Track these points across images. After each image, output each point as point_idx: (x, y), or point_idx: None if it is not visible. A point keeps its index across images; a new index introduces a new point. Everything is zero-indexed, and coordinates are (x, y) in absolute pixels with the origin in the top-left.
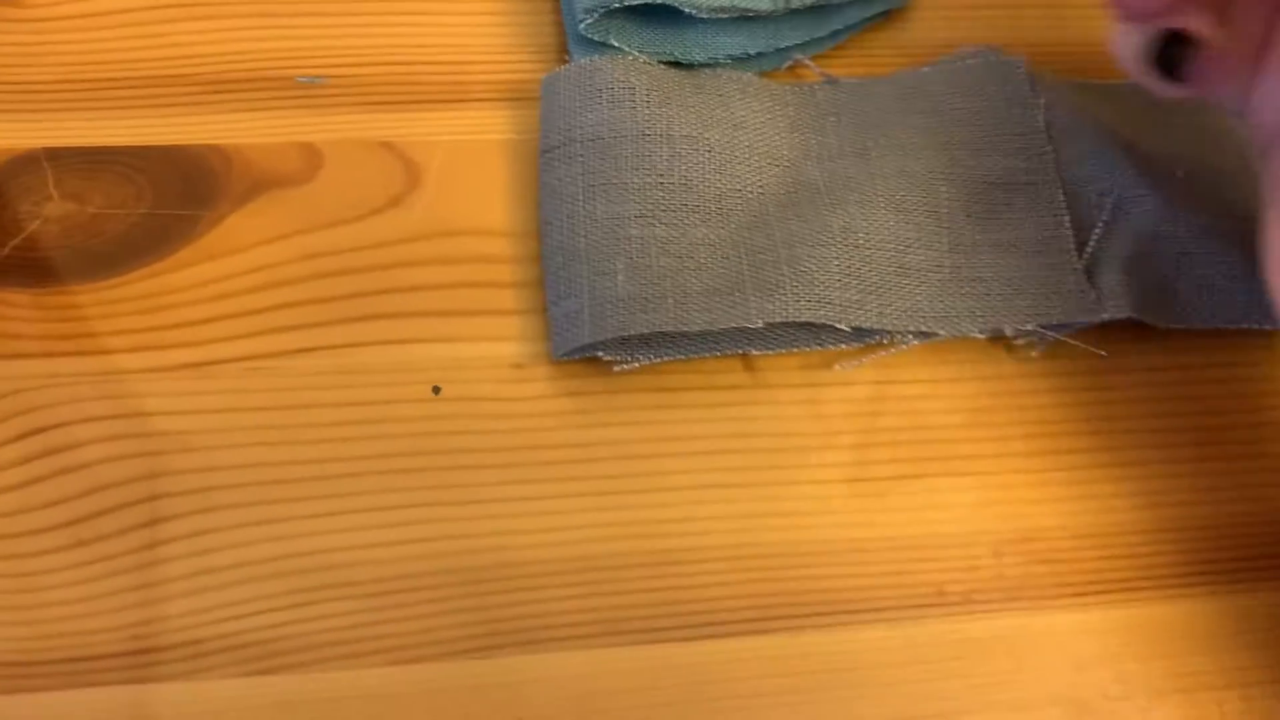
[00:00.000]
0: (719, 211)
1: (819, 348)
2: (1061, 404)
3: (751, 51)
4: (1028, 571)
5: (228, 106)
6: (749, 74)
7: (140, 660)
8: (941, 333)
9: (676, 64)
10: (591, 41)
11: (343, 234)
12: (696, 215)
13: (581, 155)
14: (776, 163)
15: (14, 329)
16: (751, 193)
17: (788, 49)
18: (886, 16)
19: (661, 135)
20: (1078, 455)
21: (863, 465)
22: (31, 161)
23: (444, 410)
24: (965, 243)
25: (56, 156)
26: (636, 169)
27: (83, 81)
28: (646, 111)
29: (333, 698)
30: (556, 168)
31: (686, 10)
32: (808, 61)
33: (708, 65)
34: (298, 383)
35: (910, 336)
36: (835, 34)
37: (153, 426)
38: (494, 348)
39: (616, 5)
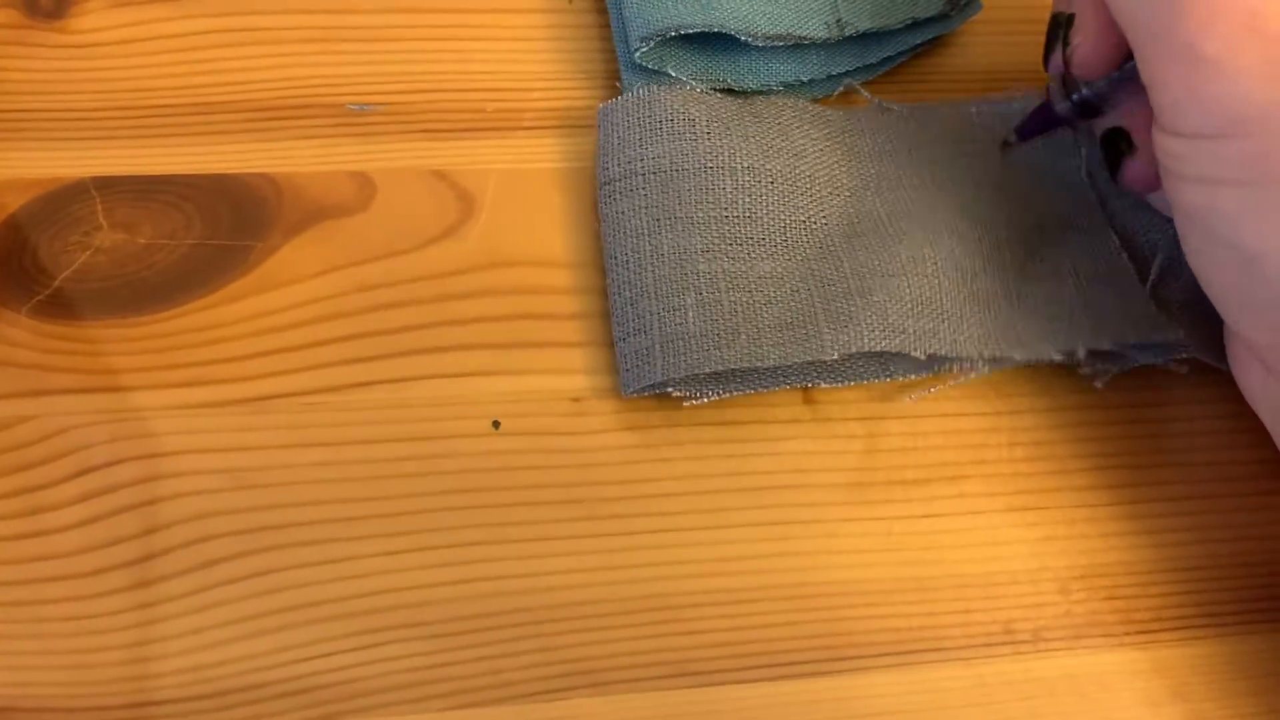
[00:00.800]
0: (784, 244)
1: (887, 379)
2: (1121, 437)
3: (804, 78)
4: (1094, 609)
5: (278, 134)
6: (805, 101)
7: (201, 706)
8: (1017, 356)
9: (730, 91)
10: (645, 69)
11: (397, 265)
12: (762, 248)
13: (644, 189)
14: (837, 192)
15: (68, 363)
16: (815, 224)
17: (840, 75)
18: (935, 43)
19: (725, 167)
20: (1139, 489)
21: (927, 501)
22: (80, 191)
23: (504, 445)
24: (1030, 272)
25: (105, 185)
26: (700, 202)
27: (130, 109)
28: (708, 143)
29: None
30: (619, 200)
31: (742, 39)
32: (859, 88)
33: (761, 92)
34: (355, 418)
35: (981, 365)
36: (886, 60)
37: (208, 464)
38: (553, 381)
39: (672, 34)
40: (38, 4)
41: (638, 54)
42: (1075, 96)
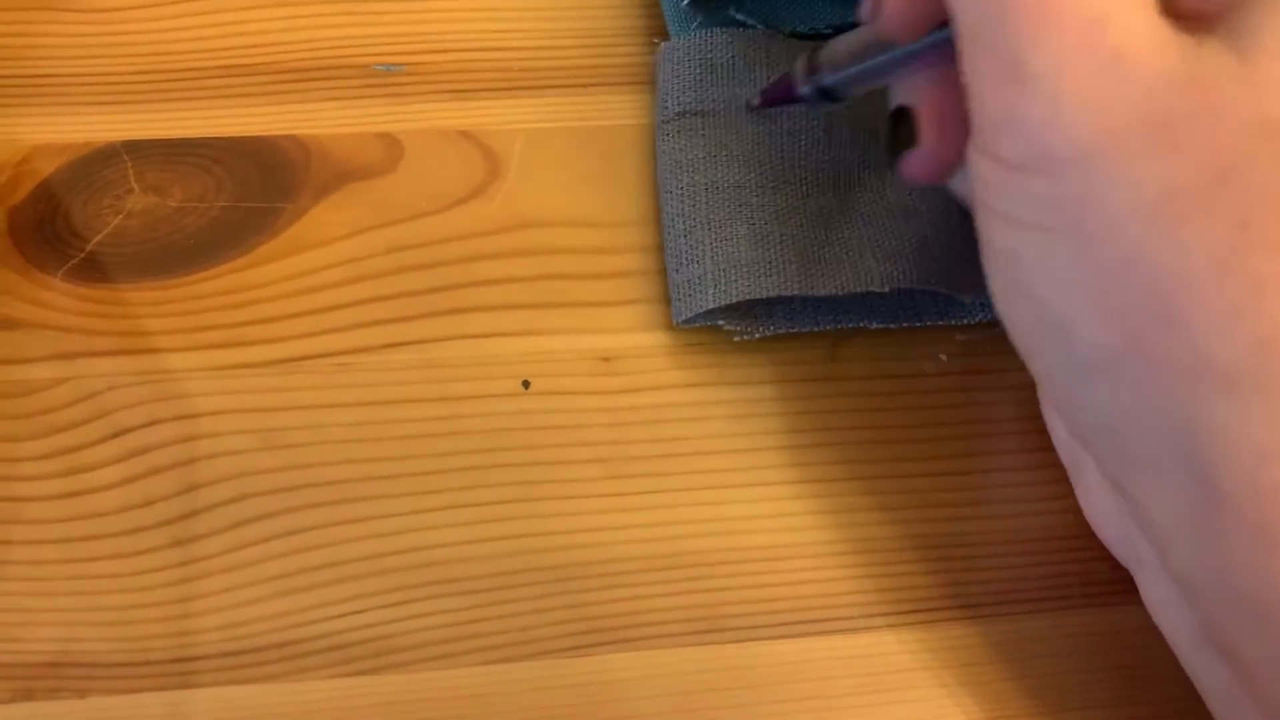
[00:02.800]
0: (837, 183)
1: (942, 323)
2: None
3: (850, 19)
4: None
5: (305, 96)
6: None
7: (237, 661)
8: None
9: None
10: (692, 18)
11: (426, 226)
12: (815, 187)
13: (702, 128)
14: None
15: (101, 326)
16: (870, 165)
17: None
18: None
19: (781, 110)
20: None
21: (961, 458)
22: (111, 155)
23: (533, 405)
24: None
25: (135, 149)
26: (757, 142)
27: (158, 72)
28: (765, 85)
29: (433, 698)
30: (676, 138)
31: None
32: None
33: (812, 36)
34: (386, 378)
35: None
36: None
37: (240, 425)
38: (582, 340)
39: None
40: None
41: (685, 2)
42: (816, 81)
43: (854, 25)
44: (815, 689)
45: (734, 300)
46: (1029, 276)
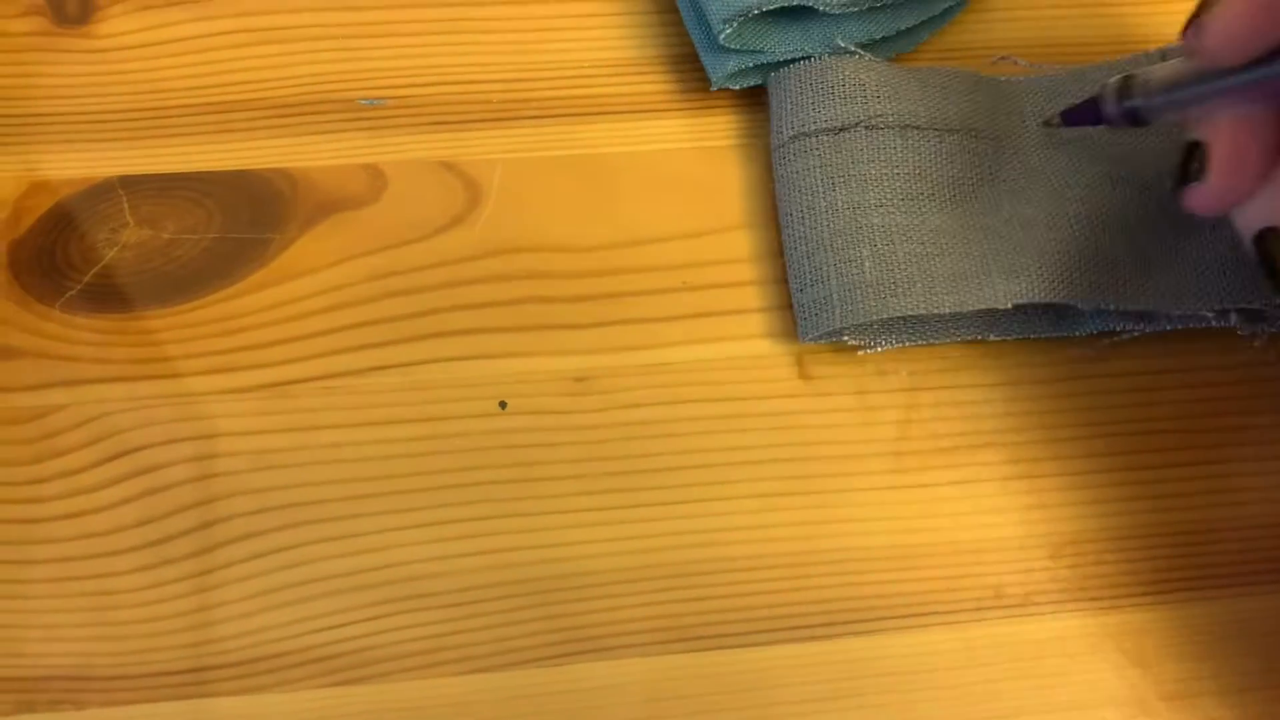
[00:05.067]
0: (953, 199)
1: (1056, 335)
2: (1108, 406)
3: (877, 36)
4: (1084, 573)
5: (292, 130)
6: (970, 70)
7: (225, 674)
8: (1175, 312)
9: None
10: (724, 50)
11: (409, 254)
12: (933, 203)
13: (817, 149)
14: (1003, 150)
15: (99, 354)
16: (983, 180)
17: (913, 29)
18: None
19: (893, 127)
20: (1126, 457)
21: (922, 471)
22: (107, 190)
23: (510, 424)
24: (1183, 224)
25: (130, 184)
26: (872, 160)
27: (151, 109)
28: (878, 105)
29: (415, 706)
30: (793, 161)
31: (819, 8)
32: (1016, 58)
33: (844, 53)
34: (370, 400)
35: (1141, 325)
36: (948, 11)
37: (232, 447)
38: (556, 362)
39: (755, 11)
40: (64, 10)
41: (722, 36)
42: (1126, 104)
43: (905, 32)
44: (781, 695)
45: (860, 321)
46: None
